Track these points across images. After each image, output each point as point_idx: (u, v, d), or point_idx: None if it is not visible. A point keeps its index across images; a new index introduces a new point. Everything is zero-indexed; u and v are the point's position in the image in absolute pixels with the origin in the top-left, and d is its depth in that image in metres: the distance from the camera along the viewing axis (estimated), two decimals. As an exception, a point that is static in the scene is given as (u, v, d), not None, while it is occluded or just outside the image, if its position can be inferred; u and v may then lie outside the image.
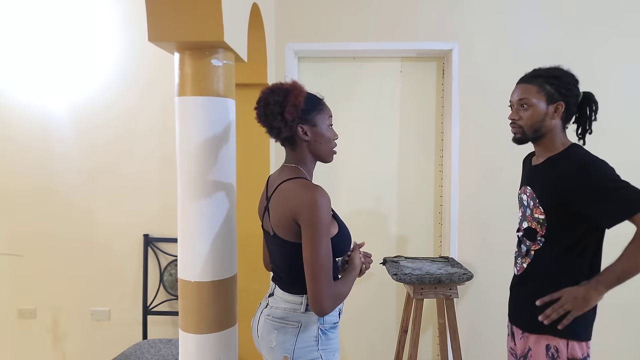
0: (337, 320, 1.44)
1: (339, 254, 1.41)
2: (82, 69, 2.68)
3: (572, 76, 1.48)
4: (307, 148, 1.41)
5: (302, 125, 1.37)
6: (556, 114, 1.45)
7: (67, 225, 2.73)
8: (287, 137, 1.39)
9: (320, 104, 1.42)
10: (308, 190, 1.29)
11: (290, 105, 1.33)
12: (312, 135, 1.39)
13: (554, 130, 1.46)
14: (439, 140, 2.86)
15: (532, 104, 1.45)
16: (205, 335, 1.59)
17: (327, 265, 1.27)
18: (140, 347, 2.42)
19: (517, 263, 1.56)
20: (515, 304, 1.57)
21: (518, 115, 1.49)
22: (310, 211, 1.26)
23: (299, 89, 1.36)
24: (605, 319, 2.65)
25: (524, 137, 1.50)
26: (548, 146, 1.49)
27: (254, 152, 2.54)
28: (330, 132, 1.43)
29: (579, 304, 1.36)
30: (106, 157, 2.71)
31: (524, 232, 1.53)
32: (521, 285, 1.52)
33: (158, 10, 1.50)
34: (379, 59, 2.84)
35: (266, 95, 1.37)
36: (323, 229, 1.27)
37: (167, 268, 2.69)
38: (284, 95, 1.34)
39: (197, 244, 1.58)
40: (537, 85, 1.46)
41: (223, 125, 1.61)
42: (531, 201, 1.49)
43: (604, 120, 2.60)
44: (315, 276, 1.26)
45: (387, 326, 2.89)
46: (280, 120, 1.34)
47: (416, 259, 2.45)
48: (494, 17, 2.65)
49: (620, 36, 2.61)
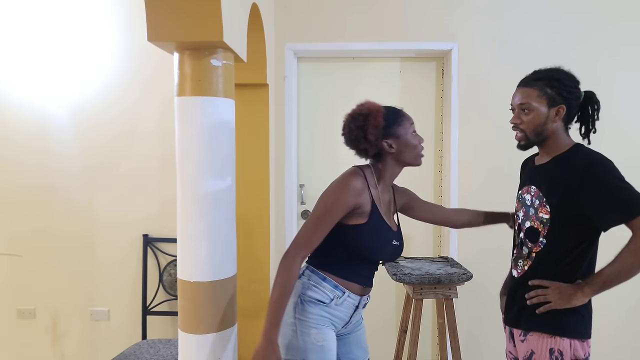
0: (323, 300, 1.48)
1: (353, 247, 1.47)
2: (81, 68, 2.68)
3: (573, 78, 1.46)
4: (393, 158, 1.51)
5: (386, 140, 1.48)
6: (557, 117, 1.43)
7: (66, 225, 2.73)
8: (374, 154, 1.51)
9: (399, 116, 1.51)
10: (342, 174, 1.48)
11: (371, 127, 1.44)
12: (398, 147, 1.49)
13: (557, 132, 1.45)
14: (439, 141, 2.86)
15: (533, 108, 1.44)
16: (205, 335, 1.59)
17: (308, 231, 1.42)
18: (140, 347, 2.42)
19: (518, 265, 1.54)
20: (515, 305, 1.53)
21: (520, 119, 1.47)
22: (329, 185, 1.46)
23: (375, 110, 1.47)
24: (608, 316, 2.66)
25: (527, 142, 1.49)
26: (552, 147, 1.47)
27: (254, 152, 2.54)
28: (414, 138, 1.51)
29: (562, 299, 1.38)
30: (106, 157, 2.70)
31: (526, 233, 1.50)
32: (524, 287, 1.49)
33: (157, 10, 1.50)
34: (379, 59, 2.84)
35: (348, 122, 1.50)
36: (327, 198, 1.43)
37: (167, 268, 2.69)
38: (364, 119, 1.45)
39: (197, 244, 1.58)
40: (538, 88, 1.44)
41: (223, 125, 1.61)
42: (537, 200, 1.47)
43: (603, 119, 2.63)
44: (296, 236, 1.44)
45: (387, 326, 2.89)
46: (365, 142, 1.47)
47: (415, 259, 2.45)
48: (494, 18, 2.65)
49: (618, 38, 2.61)
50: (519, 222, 1.56)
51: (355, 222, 1.45)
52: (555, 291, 1.39)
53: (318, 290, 1.48)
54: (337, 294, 1.49)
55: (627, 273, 1.30)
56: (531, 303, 1.43)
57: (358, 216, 1.46)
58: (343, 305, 1.51)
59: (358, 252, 1.48)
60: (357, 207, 1.44)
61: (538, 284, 1.43)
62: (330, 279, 1.49)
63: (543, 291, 1.41)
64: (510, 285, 1.58)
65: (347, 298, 1.51)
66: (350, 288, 1.51)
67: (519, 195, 1.59)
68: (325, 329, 1.48)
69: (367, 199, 1.47)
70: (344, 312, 1.52)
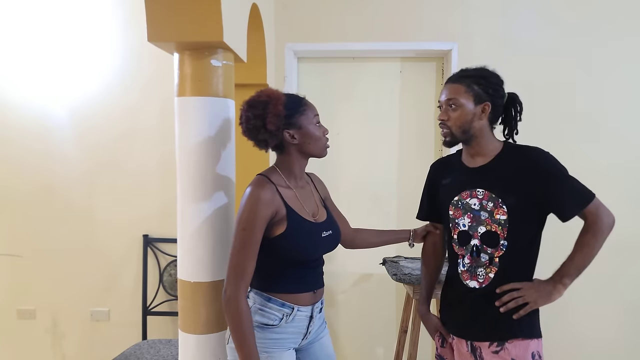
0: (271, 322, 1.40)
1: (287, 257, 1.40)
2: (81, 69, 2.68)
3: (498, 77, 1.48)
4: (297, 150, 1.44)
5: (288, 131, 1.39)
6: (483, 114, 1.44)
7: (66, 225, 2.73)
8: (275, 145, 1.42)
9: (301, 105, 1.42)
10: (250, 184, 1.38)
11: (271, 116, 1.35)
12: (300, 137, 1.41)
13: (483, 130, 1.46)
14: (439, 141, 2.85)
15: (460, 104, 1.43)
16: (205, 336, 1.59)
17: (236, 257, 1.33)
18: (140, 347, 2.42)
19: (478, 275, 1.44)
20: (482, 318, 1.44)
21: (447, 116, 1.46)
22: (240, 206, 1.36)
23: (276, 97, 1.37)
24: (606, 317, 2.66)
25: (453, 139, 1.48)
26: (483, 147, 1.47)
27: (254, 152, 2.51)
28: (318, 129, 1.43)
29: (541, 297, 1.37)
30: (106, 157, 2.71)
31: (482, 238, 1.44)
32: (491, 296, 1.41)
33: (157, 11, 1.50)
34: (379, 59, 2.84)
35: (245, 111, 1.39)
36: (241, 219, 1.34)
37: (167, 268, 2.69)
38: (263, 107, 1.36)
39: (197, 245, 1.58)
40: (466, 85, 1.44)
41: (222, 125, 1.61)
42: (489, 202, 1.42)
43: (601, 120, 2.63)
44: (227, 270, 1.34)
45: (387, 326, 2.89)
46: (265, 132, 1.38)
47: (416, 259, 2.44)
48: (494, 18, 2.65)
49: (617, 38, 2.61)
50: (462, 229, 1.48)
51: (277, 233, 1.37)
52: (530, 290, 1.38)
53: (264, 314, 1.40)
54: (286, 312, 1.41)
55: (594, 255, 1.36)
56: (507, 309, 1.39)
57: (277, 225, 1.37)
58: (295, 320, 1.43)
59: (292, 260, 1.41)
60: (273, 216, 1.36)
61: (509, 288, 1.40)
62: (275, 299, 1.40)
63: (517, 293, 1.39)
64: (469, 298, 1.47)
65: (298, 312, 1.43)
66: (298, 301, 1.43)
67: (455, 201, 1.50)
68: (276, 353, 1.40)
69: (280, 203, 1.38)
70: (298, 327, 1.44)
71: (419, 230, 1.76)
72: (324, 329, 1.58)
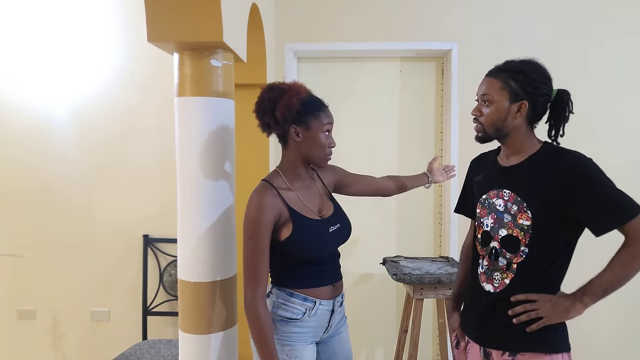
0: (295, 317, 1.44)
1: (299, 257, 1.43)
2: (81, 69, 2.68)
3: (543, 73, 1.31)
4: (297, 149, 1.44)
5: (295, 126, 1.40)
6: (519, 114, 1.31)
7: (66, 225, 2.73)
8: (278, 134, 1.45)
9: (319, 109, 1.42)
10: (250, 196, 1.40)
11: (282, 105, 1.37)
12: (304, 138, 1.41)
13: (519, 130, 1.33)
14: (439, 140, 2.86)
15: (494, 100, 1.32)
16: (205, 336, 1.59)
17: (249, 265, 1.37)
18: (140, 347, 2.42)
19: (494, 279, 1.36)
20: (494, 323, 1.36)
21: (479, 112, 1.36)
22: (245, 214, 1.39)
23: (295, 90, 1.39)
24: (606, 318, 2.66)
25: (485, 136, 1.38)
26: (518, 146, 1.35)
27: (254, 152, 2.54)
28: (325, 139, 1.43)
29: (557, 312, 1.25)
30: (106, 157, 2.71)
31: (502, 242, 1.34)
32: (505, 302, 1.32)
33: (157, 11, 1.50)
34: (379, 59, 2.84)
35: (265, 91, 1.42)
36: (246, 228, 1.37)
37: (167, 268, 2.69)
38: (279, 94, 1.38)
39: (197, 245, 1.58)
40: (502, 80, 1.31)
41: (222, 125, 1.61)
42: (514, 205, 1.32)
43: (601, 120, 2.63)
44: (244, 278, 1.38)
45: (387, 326, 2.89)
46: (271, 117, 1.40)
47: (416, 259, 2.44)
48: (493, 17, 2.65)
49: (616, 36, 2.61)
50: (485, 229, 1.40)
51: (284, 236, 1.39)
52: (546, 305, 1.26)
53: (288, 308, 1.44)
54: (309, 306, 1.44)
55: (627, 278, 1.22)
56: (518, 321, 1.28)
57: (283, 227, 1.40)
58: (317, 314, 1.46)
59: (306, 259, 1.43)
60: (277, 220, 1.39)
61: (523, 298, 1.29)
62: (297, 293, 1.44)
63: (532, 306, 1.27)
64: (484, 301, 1.39)
65: (320, 306, 1.46)
66: (320, 295, 1.46)
67: (483, 200, 1.42)
68: (298, 346, 1.44)
69: (282, 206, 1.40)
70: (320, 321, 1.48)
71: (428, 168, 1.92)
72: (343, 324, 1.62)
